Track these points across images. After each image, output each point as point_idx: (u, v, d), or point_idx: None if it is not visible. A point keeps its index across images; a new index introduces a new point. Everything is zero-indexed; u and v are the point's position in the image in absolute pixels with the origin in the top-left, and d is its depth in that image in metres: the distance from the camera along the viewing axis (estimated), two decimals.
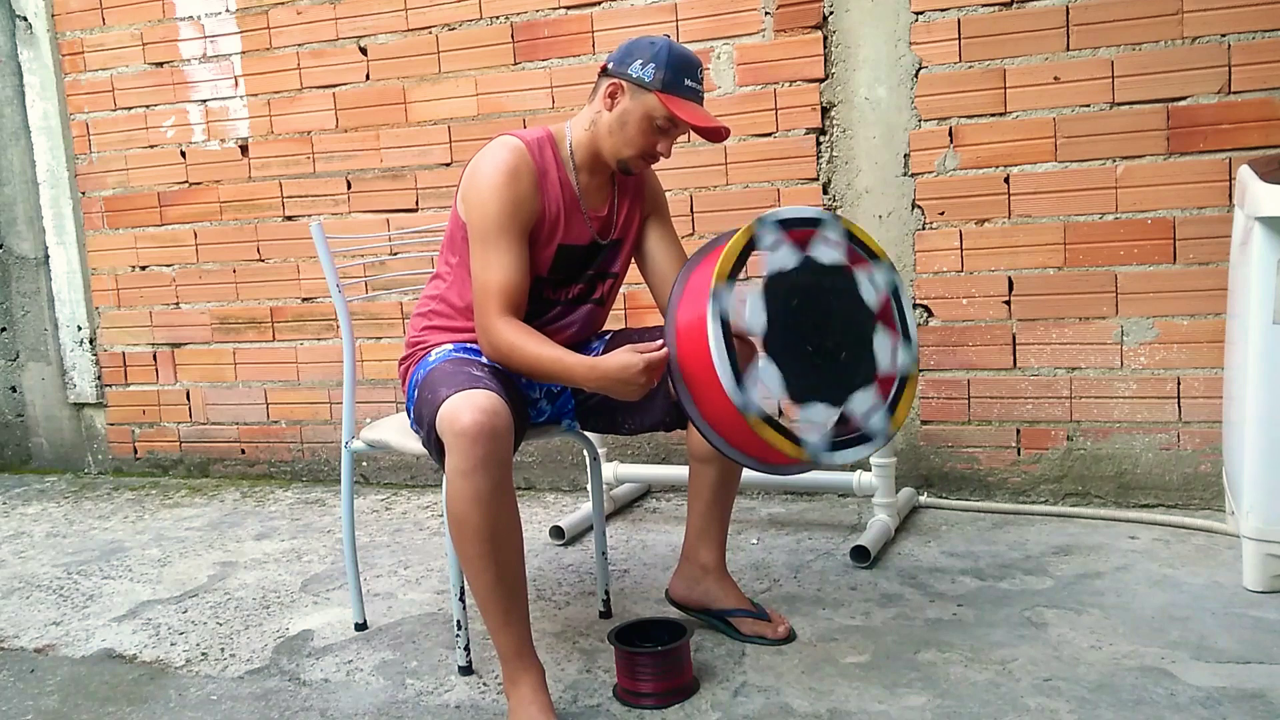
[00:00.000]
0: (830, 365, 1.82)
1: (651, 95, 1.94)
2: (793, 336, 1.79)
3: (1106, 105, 2.69)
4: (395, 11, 3.33)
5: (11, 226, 3.96)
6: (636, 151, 1.99)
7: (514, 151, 1.97)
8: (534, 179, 1.97)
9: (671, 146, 2.01)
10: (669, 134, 1.99)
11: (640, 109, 1.96)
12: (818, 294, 1.84)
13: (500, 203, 1.93)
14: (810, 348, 1.81)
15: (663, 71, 1.93)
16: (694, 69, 1.97)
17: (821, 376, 1.80)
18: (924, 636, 2.11)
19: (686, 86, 1.96)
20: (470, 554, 1.79)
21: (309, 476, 3.70)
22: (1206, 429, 2.71)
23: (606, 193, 2.09)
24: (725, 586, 2.17)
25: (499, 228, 1.93)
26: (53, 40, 3.78)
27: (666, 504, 3.16)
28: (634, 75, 1.95)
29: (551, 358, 1.87)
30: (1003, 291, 2.84)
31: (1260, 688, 1.81)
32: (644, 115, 1.96)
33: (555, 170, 2.01)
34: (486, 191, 1.94)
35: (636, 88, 1.95)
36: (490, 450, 1.74)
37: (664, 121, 1.96)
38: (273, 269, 3.62)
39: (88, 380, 3.94)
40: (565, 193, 2.02)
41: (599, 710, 1.91)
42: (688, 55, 1.98)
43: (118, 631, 2.44)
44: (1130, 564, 2.42)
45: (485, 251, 1.93)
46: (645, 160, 2.02)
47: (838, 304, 1.86)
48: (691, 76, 1.97)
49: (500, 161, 1.95)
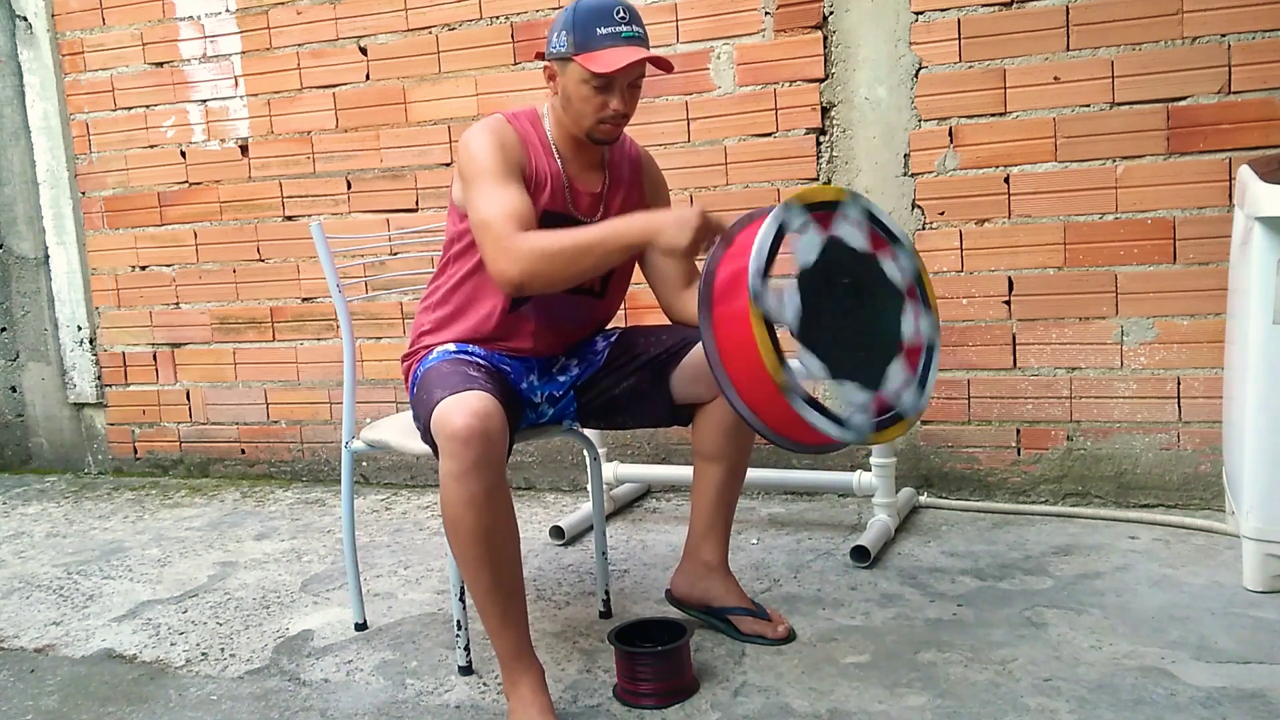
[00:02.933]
0: (842, 345, 1.80)
1: (572, 62, 1.92)
2: (827, 297, 1.78)
3: (1106, 105, 2.69)
4: (395, 11, 3.33)
5: (11, 226, 3.96)
6: (591, 120, 1.96)
7: (495, 120, 2.01)
8: (517, 138, 1.99)
9: (628, 100, 1.95)
10: (610, 89, 1.92)
11: (572, 79, 1.94)
12: (868, 287, 1.83)
13: (489, 149, 1.93)
14: (836, 317, 1.79)
15: (573, 33, 1.91)
16: (605, 13, 1.90)
17: (832, 345, 1.78)
18: (924, 636, 2.11)
19: (601, 35, 1.89)
20: (466, 556, 1.79)
21: (309, 476, 3.70)
22: (1206, 429, 2.71)
23: (598, 174, 2.09)
24: (727, 585, 2.17)
25: (492, 170, 1.92)
26: (53, 40, 3.78)
27: (666, 504, 3.16)
28: (555, 50, 1.95)
29: (591, 233, 1.83)
30: (1003, 291, 2.84)
31: (1260, 688, 1.81)
32: (577, 84, 1.93)
33: (539, 141, 2.02)
34: (474, 146, 1.94)
35: (561, 61, 1.95)
36: (482, 452, 1.74)
37: (597, 81, 1.90)
38: (273, 269, 3.62)
39: (88, 380, 3.94)
40: (549, 161, 2.02)
41: (599, 710, 1.91)
42: (598, 2, 1.91)
43: (118, 631, 2.44)
44: (1130, 564, 2.42)
45: (483, 190, 1.90)
46: (607, 124, 1.96)
47: (878, 308, 1.85)
48: (604, 22, 1.90)
49: (483, 124, 1.99)
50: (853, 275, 1.83)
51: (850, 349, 1.80)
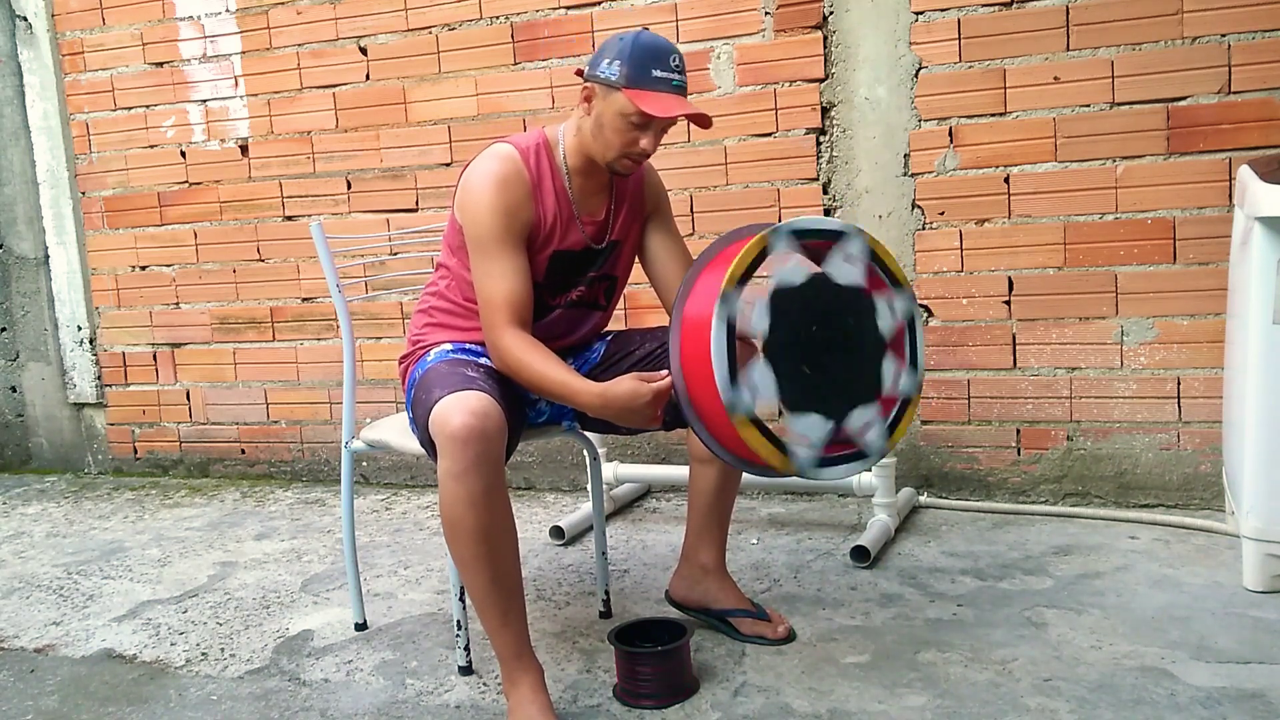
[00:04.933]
0: (830, 382, 1.80)
1: (619, 93, 1.89)
2: (795, 349, 1.77)
3: (1106, 105, 2.69)
4: (395, 11, 3.33)
5: (11, 226, 3.96)
6: (618, 152, 1.94)
7: (505, 160, 1.95)
8: (527, 188, 1.96)
9: (657, 141, 1.93)
10: (647, 129, 1.91)
11: (612, 109, 1.91)
12: (829, 313, 1.81)
13: (494, 213, 1.91)
14: (812, 364, 1.79)
15: (627, 66, 1.88)
16: (663, 57, 1.89)
17: (820, 391, 1.79)
18: (924, 636, 2.11)
19: (655, 78, 1.88)
20: (465, 556, 1.79)
21: (309, 476, 3.70)
22: (1206, 429, 2.71)
23: (604, 196, 2.07)
24: (725, 587, 2.17)
25: (495, 238, 1.92)
26: (53, 40, 3.78)
27: (666, 504, 3.16)
28: (602, 75, 1.91)
29: (558, 380, 1.85)
30: (1003, 291, 2.84)
31: (1260, 688, 1.81)
32: (616, 114, 1.91)
33: (550, 178, 1.99)
34: (480, 203, 1.92)
35: (606, 88, 1.91)
36: (481, 452, 1.74)
37: (637, 118, 1.89)
38: (273, 269, 3.62)
39: (88, 380, 3.94)
40: (560, 200, 2.00)
41: (599, 710, 1.91)
42: (655, 44, 1.90)
43: (118, 631, 2.44)
44: (1130, 564, 2.42)
45: (484, 262, 1.92)
46: (631, 160, 1.96)
47: (850, 325, 1.83)
48: (660, 66, 1.89)
49: (491, 172, 1.93)
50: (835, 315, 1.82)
51: (816, 383, 1.78)
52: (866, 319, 1.84)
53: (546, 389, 1.87)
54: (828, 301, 1.81)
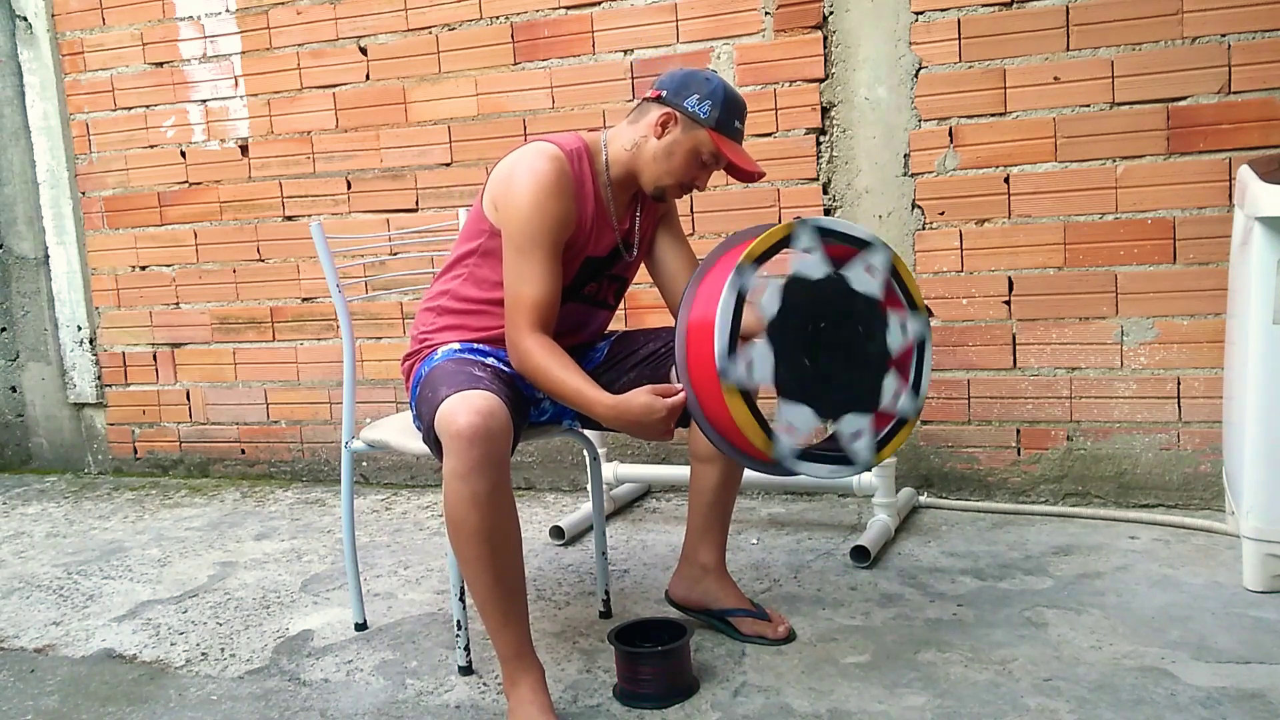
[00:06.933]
0: (828, 380, 1.80)
1: (703, 131, 1.97)
2: (799, 339, 1.77)
3: (1106, 105, 2.69)
4: (395, 11, 3.33)
5: (11, 226, 3.96)
6: (677, 181, 2.02)
7: (554, 161, 1.95)
8: (572, 193, 1.97)
9: (708, 181, 2.06)
10: (710, 169, 2.03)
11: (690, 142, 1.98)
12: (839, 315, 1.81)
13: (541, 216, 1.92)
14: (813, 358, 1.78)
15: (718, 110, 1.96)
16: (743, 111, 2.02)
17: (816, 386, 1.79)
18: (924, 636, 2.11)
19: (735, 128, 1.99)
20: (468, 555, 1.79)
21: (309, 476, 3.70)
22: (1206, 429, 2.71)
23: (630, 208, 2.11)
24: (725, 587, 2.17)
25: (535, 241, 1.92)
26: (53, 40, 3.78)
27: (666, 504, 3.16)
28: (689, 109, 1.97)
29: (575, 388, 1.87)
30: (1003, 291, 2.84)
31: (1260, 688, 1.81)
32: (693, 149, 1.98)
33: (590, 183, 2.02)
34: (527, 203, 1.92)
35: (690, 121, 1.98)
36: (486, 452, 1.74)
37: (710, 158, 1.99)
38: (273, 269, 3.62)
39: (88, 380, 3.94)
40: (598, 207, 2.03)
41: (599, 710, 1.91)
42: (740, 98, 2.01)
43: (118, 631, 2.44)
44: (1130, 564, 2.42)
45: (520, 263, 1.93)
46: (682, 190, 2.05)
47: (857, 333, 1.83)
48: (740, 119, 2.01)
49: (542, 173, 1.93)
50: (848, 319, 1.82)
51: (813, 380, 1.78)
52: (876, 331, 1.84)
53: (562, 395, 1.90)
54: (840, 304, 1.81)
